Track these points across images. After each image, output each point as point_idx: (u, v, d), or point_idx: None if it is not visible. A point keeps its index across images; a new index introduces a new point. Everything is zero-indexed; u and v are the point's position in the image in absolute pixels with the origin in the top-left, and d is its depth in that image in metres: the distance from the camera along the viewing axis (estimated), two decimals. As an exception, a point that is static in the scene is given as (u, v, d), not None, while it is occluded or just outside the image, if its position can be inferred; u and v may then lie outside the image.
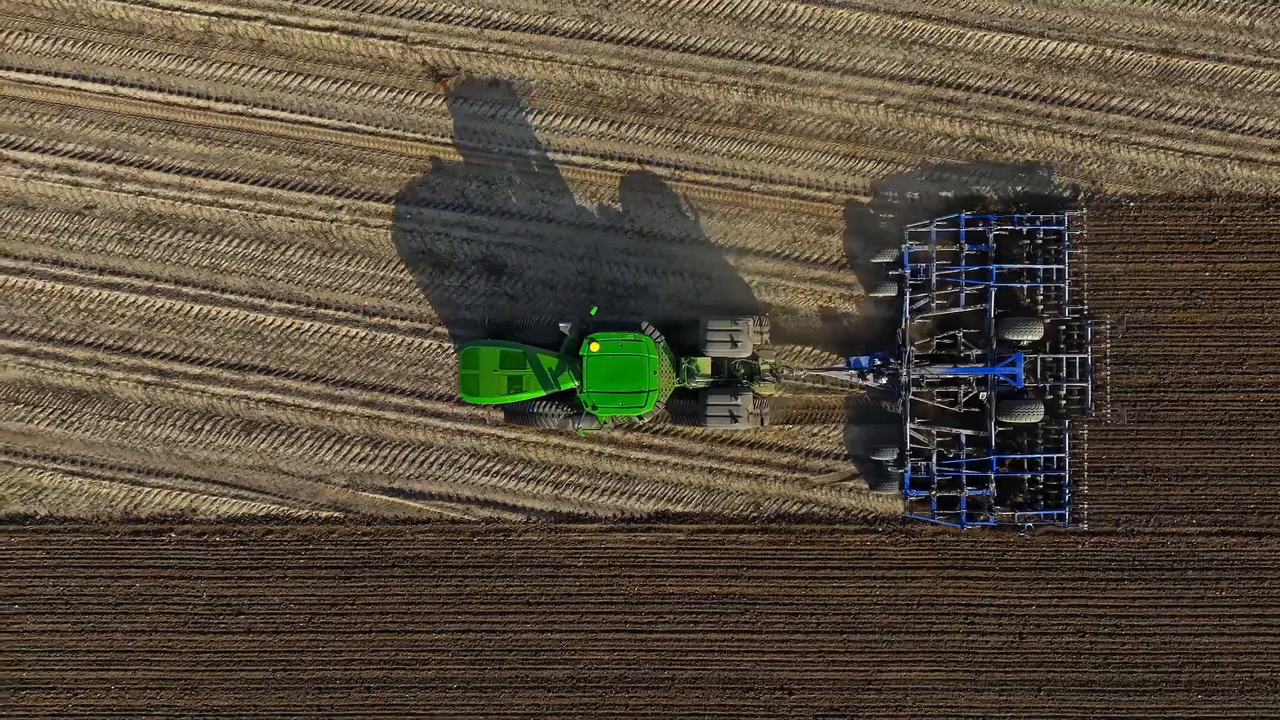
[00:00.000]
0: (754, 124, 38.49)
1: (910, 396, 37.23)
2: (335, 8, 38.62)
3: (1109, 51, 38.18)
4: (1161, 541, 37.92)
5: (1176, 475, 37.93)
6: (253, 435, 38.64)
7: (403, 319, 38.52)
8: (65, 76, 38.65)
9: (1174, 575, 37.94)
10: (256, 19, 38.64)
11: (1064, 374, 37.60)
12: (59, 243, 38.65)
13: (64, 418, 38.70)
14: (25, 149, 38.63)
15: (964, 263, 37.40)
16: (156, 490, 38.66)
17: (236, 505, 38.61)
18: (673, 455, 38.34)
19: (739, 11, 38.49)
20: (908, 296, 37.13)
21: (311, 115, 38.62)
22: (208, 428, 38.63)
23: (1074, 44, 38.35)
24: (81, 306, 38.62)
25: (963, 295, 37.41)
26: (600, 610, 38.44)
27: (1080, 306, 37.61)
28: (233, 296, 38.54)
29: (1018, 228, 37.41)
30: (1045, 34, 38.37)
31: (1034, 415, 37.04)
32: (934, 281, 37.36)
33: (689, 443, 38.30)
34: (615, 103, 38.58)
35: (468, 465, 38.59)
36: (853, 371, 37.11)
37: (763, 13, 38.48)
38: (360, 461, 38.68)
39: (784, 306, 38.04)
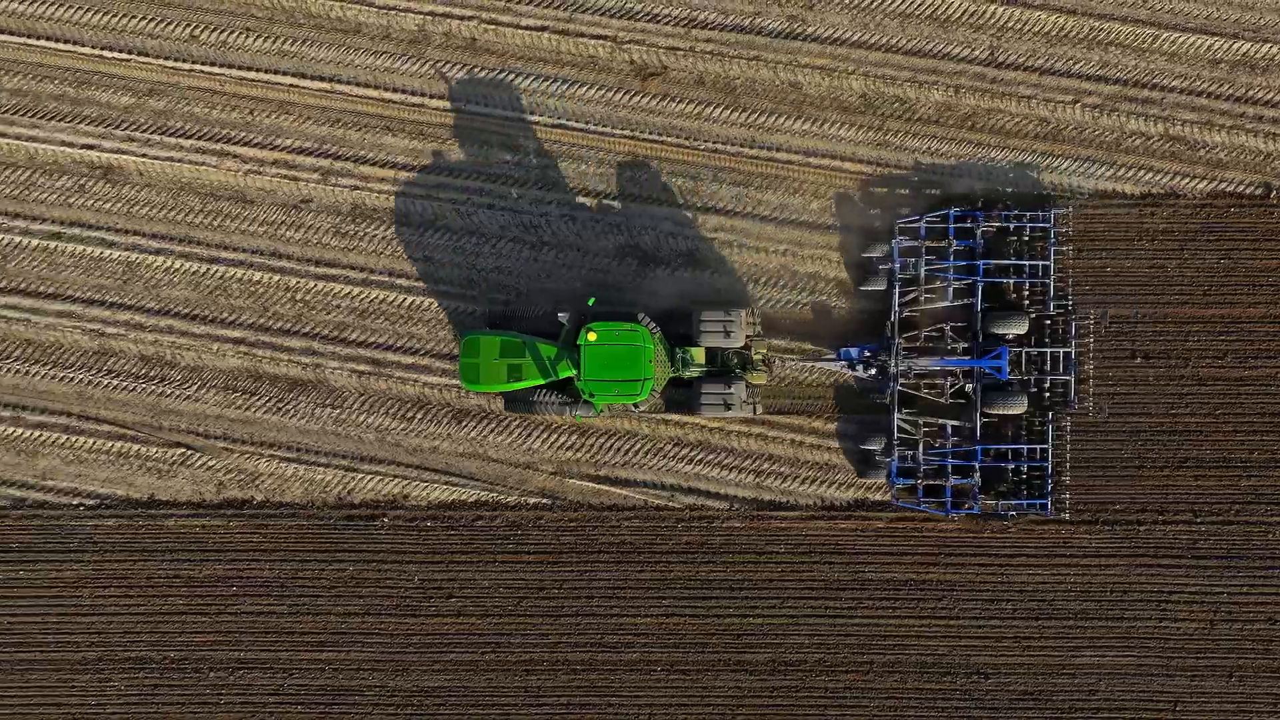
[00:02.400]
0: (953, 122, 39.50)
1: (898, 387, 38.32)
2: (547, 8, 39.70)
3: (1303, 53, 39.22)
4: (1354, 531, 38.93)
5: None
6: (463, 423, 39.70)
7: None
8: (284, 74, 39.77)
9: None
10: (470, 18, 39.73)
11: (1048, 367, 38.61)
12: (276, 235, 39.76)
13: (280, 406, 39.80)
14: (245, 144, 39.75)
15: (952, 258, 38.42)
16: (369, 476, 39.73)
17: (447, 491, 39.67)
18: (873, 445, 39.36)
19: (939, 13, 39.50)
20: (897, 290, 38.21)
21: (522, 112, 39.68)
22: (419, 416, 39.70)
23: (1268, 45, 39.32)
24: (297, 297, 39.72)
25: (950, 290, 38.45)
26: (800, 595, 39.42)
27: (1065, 302, 38.68)
28: (445, 288, 39.60)
29: (1005, 224, 38.42)
30: (1239, 35, 39.33)
31: (1018, 407, 38.12)
32: (923, 276, 38.41)
33: (889, 433, 39.37)
34: (818, 101, 39.61)
35: (672, 454, 39.62)
36: (842, 363, 38.38)
37: (963, 14, 39.48)
38: (567, 449, 39.71)
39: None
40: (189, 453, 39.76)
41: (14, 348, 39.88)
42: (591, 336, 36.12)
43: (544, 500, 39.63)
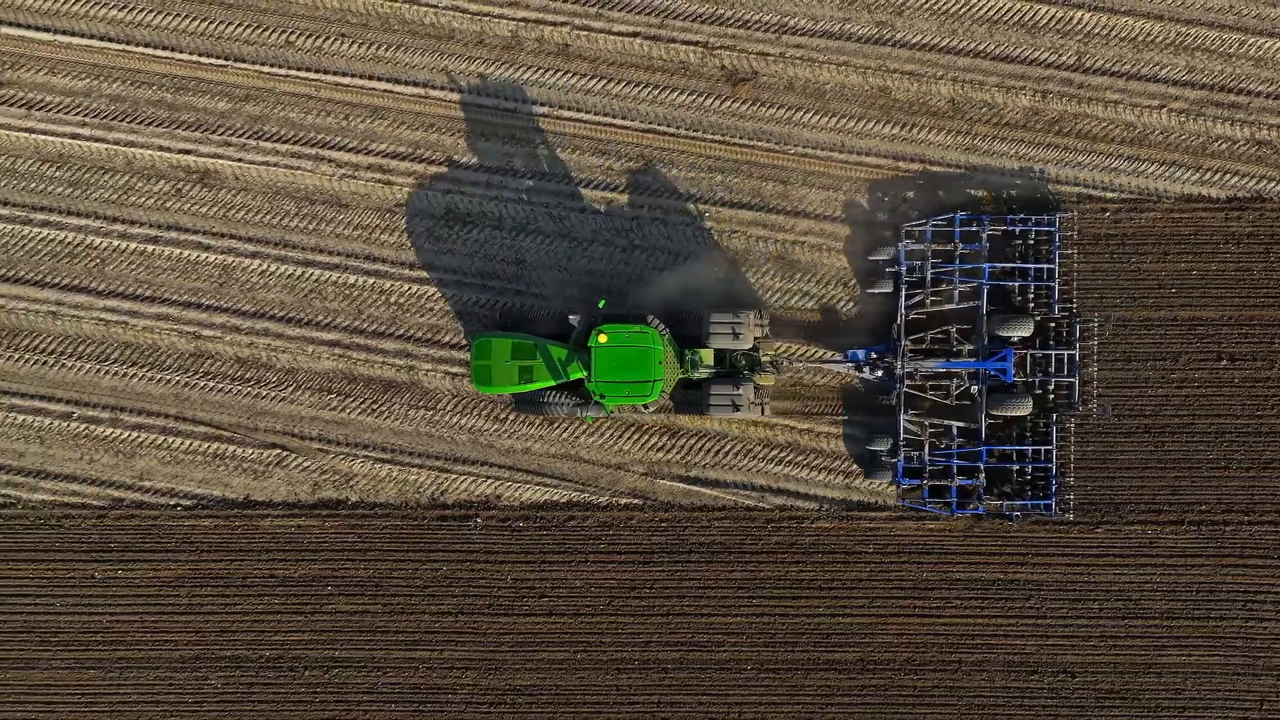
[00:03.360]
0: (1040, 127, 39.91)
1: (904, 389, 38.78)
2: (639, 14, 40.16)
3: (1388, 58, 39.62)
4: None
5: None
6: (555, 425, 40.14)
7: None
8: (379, 80, 40.25)
9: None
10: (563, 24, 40.19)
11: (1052, 369, 39.03)
12: (371, 239, 40.24)
13: (374, 407, 40.28)
14: (340, 149, 40.23)
15: (958, 261, 38.85)
16: (462, 477, 40.19)
17: (539, 492, 40.12)
18: (962, 446, 39.80)
19: (1027, 18, 39.92)
20: (903, 293, 38.67)
21: (614, 117, 40.14)
22: (512, 418, 40.15)
23: (1353, 51, 39.79)
24: (392, 300, 40.19)
25: (956, 292, 38.88)
26: (889, 595, 39.83)
27: (1069, 305, 39.11)
28: (537, 290, 40.05)
29: (1010, 228, 38.88)
30: (1325, 41, 39.81)
31: (1023, 409, 38.57)
32: (929, 279, 38.85)
33: (977, 434, 39.82)
34: (907, 106, 40.04)
35: (762, 455, 40.05)
36: (849, 364, 38.85)
37: (1050, 20, 39.90)
38: (658, 450, 40.15)
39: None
40: (284, 454, 40.23)
41: (112, 350, 40.39)
42: (602, 338, 36.56)
43: (635, 501, 40.06)
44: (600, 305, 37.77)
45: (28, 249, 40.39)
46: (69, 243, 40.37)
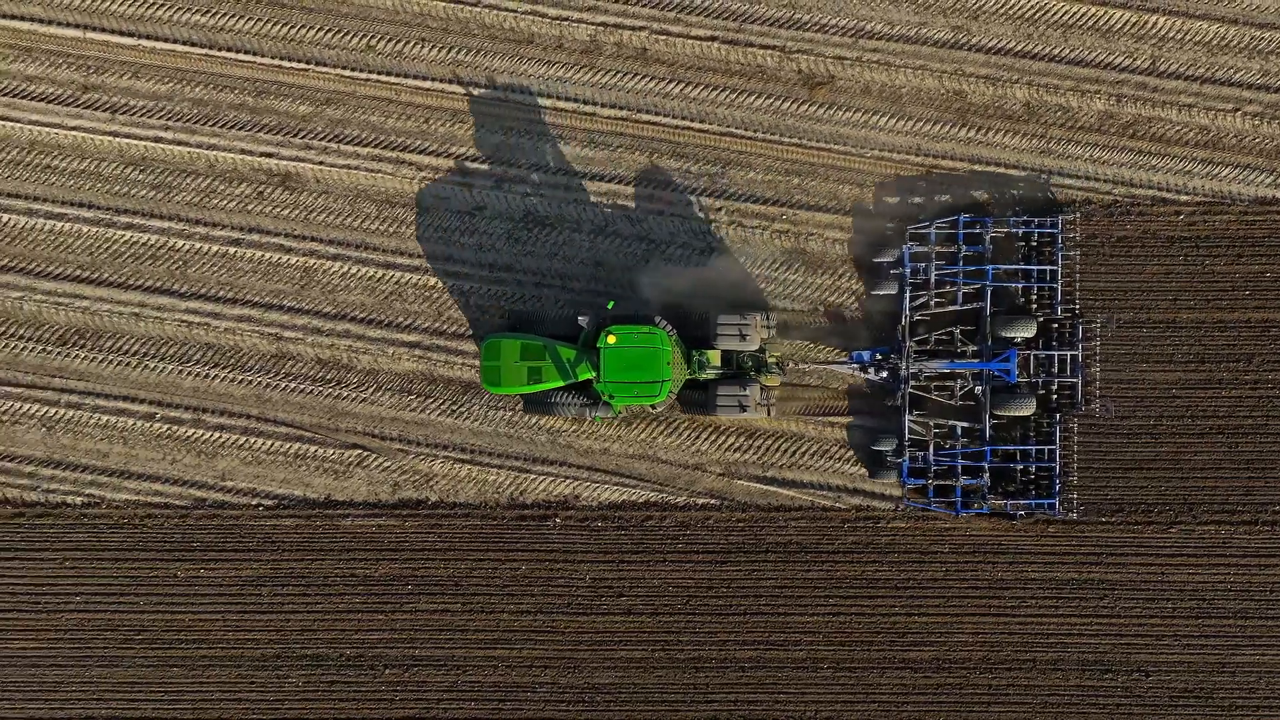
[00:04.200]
0: (1114, 130, 40.24)
1: (909, 390, 39.18)
2: (716, 18, 40.52)
3: None
4: None
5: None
6: (633, 425, 40.51)
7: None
8: (459, 84, 40.62)
9: None
10: (641, 29, 40.56)
11: (1055, 370, 39.48)
12: (451, 241, 40.62)
13: (454, 408, 40.65)
14: (421, 152, 40.62)
15: (962, 263, 39.29)
16: (541, 477, 40.56)
17: (617, 492, 40.48)
18: (1037, 447, 40.12)
19: (1102, 23, 40.25)
20: (908, 295, 39.11)
21: (692, 120, 40.50)
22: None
23: None
24: (471, 301, 40.57)
25: (960, 294, 39.38)
26: (964, 595, 40.17)
27: (1072, 305, 39.54)
28: (617, 291, 40.30)
29: (1013, 230, 39.29)
30: (1398, 45, 40.11)
31: (1027, 409, 39.04)
32: (933, 280, 39.33)
33: (1052, 435, 40.16)
34: (982, 110, 40.39)
35: (838, 455, 40.40)
36: (855, 365, 39.28)
37: (1125, 24, 40.22)
38: (735, 451, 40.51)
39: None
40: (365, 454, 40.62)
41: (195, 351, 40.80)
42: (611, 340, 37.02)
43: (712, 501, 40.42)
44: (609, 306, 38.26)
45: (111, 251, 40.80)
46: (152, 245, 40.78)
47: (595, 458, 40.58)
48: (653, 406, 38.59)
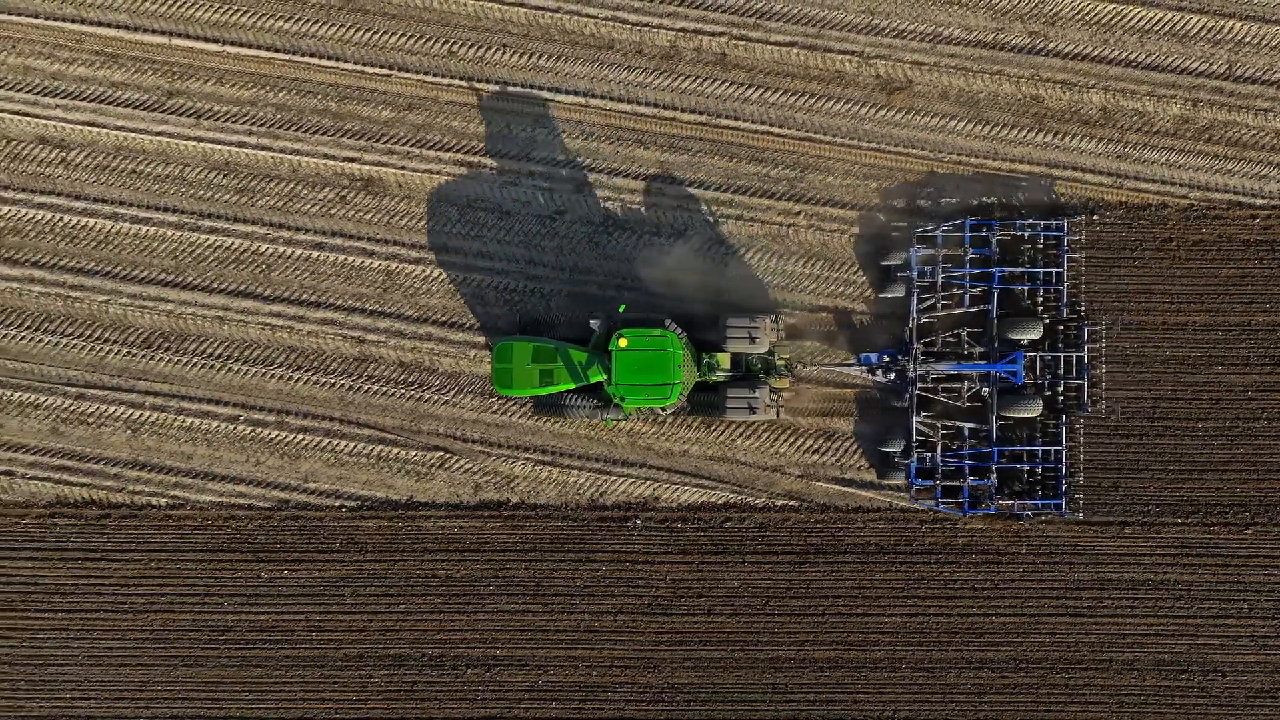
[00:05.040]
0: (1190, 135, 40.58)
1: (916, 391, 39.60)
2: (795, 24, 40.91)
3: None
4: None
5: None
6: (712, 428, 40.86)
7: (853, 319, 40.78)
8: (540, 89, 41.03)
9: None
10: (720, 34, 40.95)
11: (1062, 371, 39.88)
12: (532, 244, 40.99)
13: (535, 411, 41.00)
14: (502, 156, 41.02)
15: (968, 266, 39.66)
16: (621, 479, 40.93)
17: (697, 494, 40.85)
18: (1113, 448, 40.52)
19: (1178, 28, 40.59)
20: (915, 297, 39.52)
21: (771, 125, 40.89)
22: (670, 420, 40.84)
23: None
24: (552, 305, 40.92)
25: (967, 296, 39.76)
26: (1041, 595, 40.47)
27: (1078, 308, 39.96)
28: (696, 294, 40.62)
29: (1019, 233, 39.71)
30: None
31: (1033, 410, 39.43)
32: (940, 283, 39.73)
33: (1129, 437, 40.55)
34: (1059, 114, 40.74)
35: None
36: (863, 367, 39.75)
37: (1201, 29, 40.57)
38: (814, 453, 40.86)
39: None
40: (447, 456, 41.01)
41: (278, 354, 41.20)
42: (623, 342, 37.40)
43: (791, 502, 40.77)
44: (620, 310, 38.71)
45: (196, 255, 41.23)
46: (236, 249, 41.21)
47: (675, 459, 40.94)
48: (663, 408, 39.02)
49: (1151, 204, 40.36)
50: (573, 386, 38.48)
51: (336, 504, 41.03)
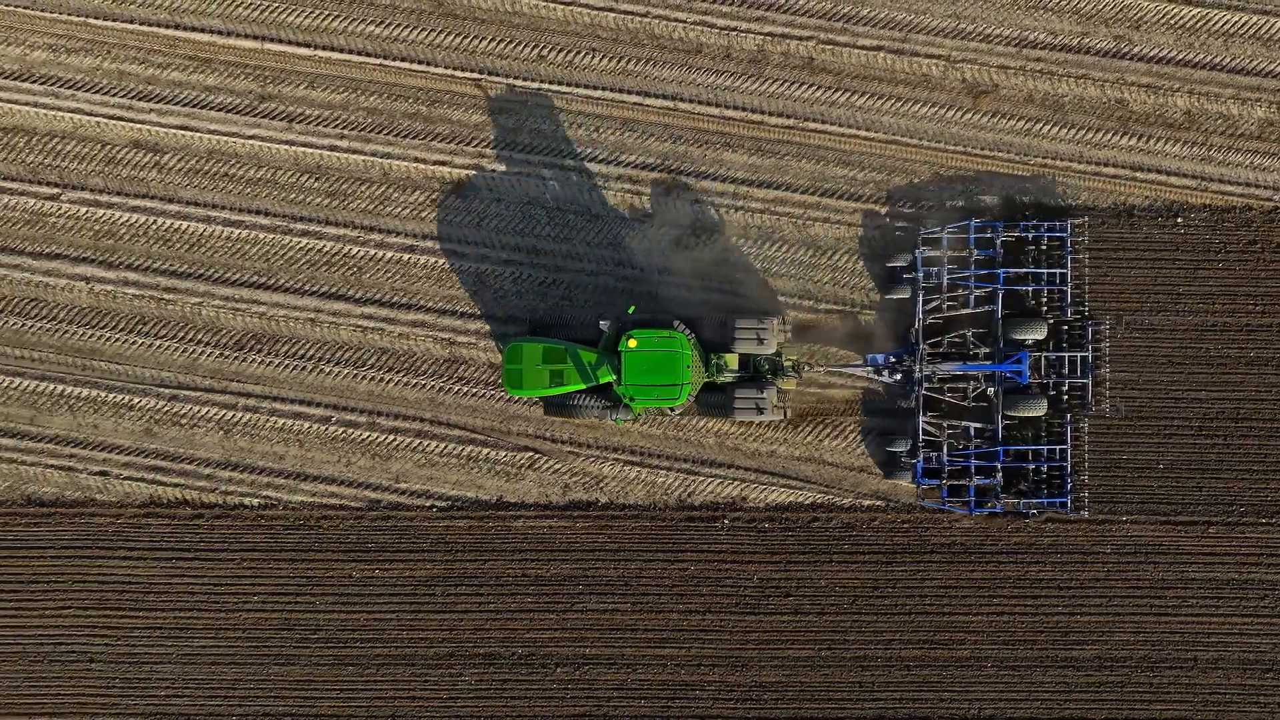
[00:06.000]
0: (1275, 138, 40.90)
1: (922, 391, 40.02)
2: (882, 28, 41.27)
3: None
4: None
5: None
6: (799, 429, 41.24)
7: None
8: (628, 92, 41.40)
9: None
10: (808, 39, 41.31)
11: (1066, 371, 40.28)
12: (620, 246, 41.36)
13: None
14: (591, 160, 41.39)
15: (973, 267, 40.06)
16: (709, 479, 41.30)
17: (784, 494, 41.22)
18: (1198, 449, 40.86)
19: (1263, 32, 40.92)
20: (920, 298, 39.91)
21: (858, 129, 41.25)
22: (757, 422, 41.21)
23: None
24: (642, 306, 41.13)
25: (972, 297, 40.13)
26: (1126, 594, 40.78)
27: (1082, 308, 40.38)
28: (785, 298, 41.14)
29: (1023, 234, 40.12)
30: None
31: (1038, 409, 39.83)
32: (945, 284, 40.10)
33: (1212, 437, 40.89)
34: (1144, 118, 41.09)
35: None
36: (869, 368, 40.21)
37: (1286, 33, 41.05)
38: (900, 453, 41.27)
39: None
40: (536, 456, 41.39)
41: (369, 356, 41.60)
42: (632, 343, 37.88)
43: (878, 502, 41.12)
44: (630, 311, 39.20)
45: (287, 258, 41.63)
46: (327, 251, 41.61)
47: (762, 460, 41.32)
48: (671, 409, 39.38)
49: (1236, 206, 40.69)
50: (582, 387, 38.92)
51: (427, 504, 41.43)
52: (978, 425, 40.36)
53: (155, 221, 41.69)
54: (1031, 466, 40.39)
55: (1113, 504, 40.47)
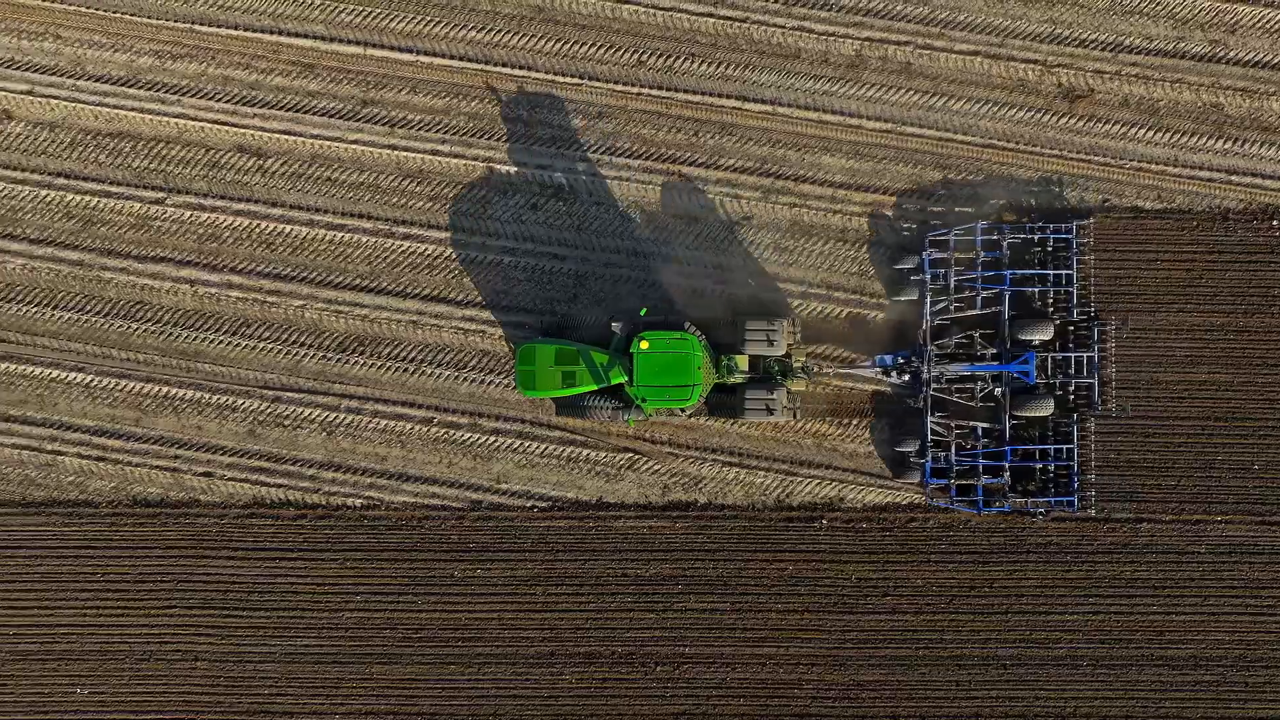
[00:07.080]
0: (1369, 141, 41.37)
1: (931, 392, 40.42)
2: (979, 33, 41.66)
3: None
4: None
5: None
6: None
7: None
8: (727, 97, 41.81)
9: None
10: (905, 44, 41.70)
11: (1072, 371, 40.68)
12: (719, 249, 41.75)
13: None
14: (690, 164, 41.80)
15: (980, 268, 40.48)
16: (807, 480, 41.70)
17: (882, 495, 41.60)
18: None
19: (1357, 36, 41.41)
20: (928, 300, 40.37)
21: (955, 133, 41.64)
22: (855, 422, 41.62)
23: None
24: (739, 310, 41.54)
25: (979, 298, 40.59)
26: (1220, 594, 41.13)
27: (1088, 308, 40.79)
28: (880, 301, 41.51)
29: (1030, 236, 40.57)
30: None
31: (1045, 409, 40.31)
32: (952, 286, 40.53)
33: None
34: (1239, 122, 41.45)
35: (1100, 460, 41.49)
36: (878, 369, 40.67)
37: (1379, 37, 41.39)
38: (996, 454, 41.65)
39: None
40: (635, 457, 41.79)
41: (471, 358, 42.05)
42: (644, 345, 38.33)
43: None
44: (643, 313, 39.71)
45: (389, 261, 42.06)
46: (429, 255, 42.04)
47: (860, 461, 41.71)
48: (682, 409, 39.83)
49: (1330, 209, 41.14)
50: (594, 388, 39.34)
51: (528, 504, 41.85)
52: (985, 425, 40.82)
53: (259, 225, 42.16)
54: (1039, 466, 40.79)
55: (1129, 502, 41.02)
